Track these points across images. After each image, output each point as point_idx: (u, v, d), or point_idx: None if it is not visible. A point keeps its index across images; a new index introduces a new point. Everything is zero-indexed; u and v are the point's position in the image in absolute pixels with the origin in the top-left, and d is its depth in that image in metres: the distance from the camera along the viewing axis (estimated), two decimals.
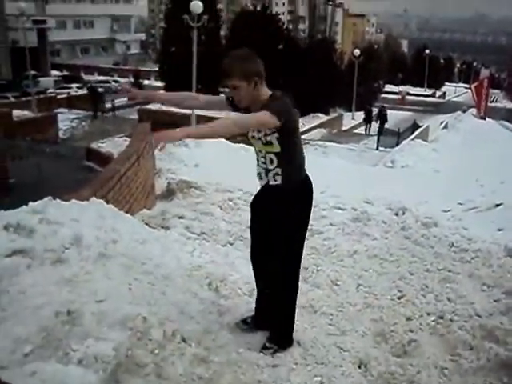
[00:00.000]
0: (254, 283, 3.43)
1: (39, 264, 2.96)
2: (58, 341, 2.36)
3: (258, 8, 33.34)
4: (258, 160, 3.17)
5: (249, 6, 49.11)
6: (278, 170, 3.04)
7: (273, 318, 3.23)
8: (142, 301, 2.91)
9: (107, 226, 3.59)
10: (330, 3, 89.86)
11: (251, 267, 3.40)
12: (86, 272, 2.99)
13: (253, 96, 2.94)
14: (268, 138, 3.00)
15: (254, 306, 3.43)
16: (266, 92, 2.98)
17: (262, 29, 28.84)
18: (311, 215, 6.84)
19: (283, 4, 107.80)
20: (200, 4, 18.47)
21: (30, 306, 2.52)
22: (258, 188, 3.28)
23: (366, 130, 30.34)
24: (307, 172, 3.20)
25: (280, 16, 37.61)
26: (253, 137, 3.08)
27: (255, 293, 3.48)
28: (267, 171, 3.09)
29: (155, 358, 2.55)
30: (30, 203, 3.59)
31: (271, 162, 3.05)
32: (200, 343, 2.89)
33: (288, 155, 3.02)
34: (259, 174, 3.18)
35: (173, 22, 27.93)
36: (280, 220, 3.04)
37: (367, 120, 30.40)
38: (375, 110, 30.48)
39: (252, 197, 3.47)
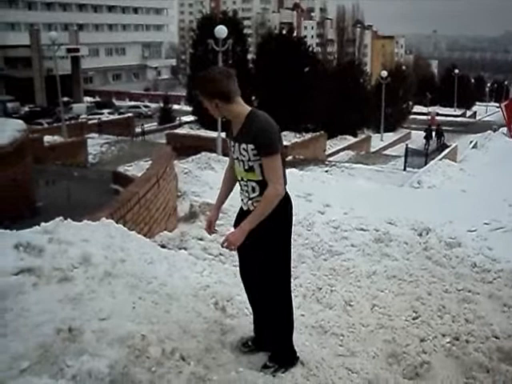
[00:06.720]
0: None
1: (45, 282, 3.00)
2: (55, 357, 2.39)
3: (284, 32, 33.70)
4: (240, 186, 3.05)
5: (276, 30, 49.82)
6: (260, 198, 2.90)
7: (272, 338, 3.18)
8: (144, 319, 2.91)
9: (116, 245, 3.62)
10: (359, 26, 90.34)
11: None
12: (91, 290, 3.02)
13: (223, 111, 2.87)
14: (250, 164, 2.88)
15: None
16: (241, 109, 2.87)
17: (287, 52, 29.06)
18: (331, 236, 6.73)
19: (312, 28, 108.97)
20: (224, 29, 18.83)
21: (31, 323, 2.56)
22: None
23: (425, 147, 30.73)
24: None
25: (307, 39, 37.87)
26: (237, 158, 2.96)
27: None
28: (249, 199, 2.99)
29: (151, 375, 2.54)
30: (42, 223, 3.66)
31: (253, 190, 2.94)
32: (200, 361, 2.86)
33: None
34: (242, 200, 3.08)
35: (200, 47, 28.52)
36: (261, 241, 2.91)
37: (428, 138, 31.81)
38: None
39: None
